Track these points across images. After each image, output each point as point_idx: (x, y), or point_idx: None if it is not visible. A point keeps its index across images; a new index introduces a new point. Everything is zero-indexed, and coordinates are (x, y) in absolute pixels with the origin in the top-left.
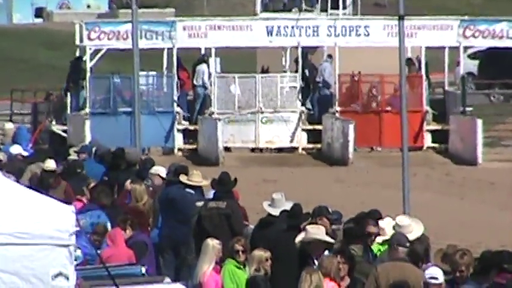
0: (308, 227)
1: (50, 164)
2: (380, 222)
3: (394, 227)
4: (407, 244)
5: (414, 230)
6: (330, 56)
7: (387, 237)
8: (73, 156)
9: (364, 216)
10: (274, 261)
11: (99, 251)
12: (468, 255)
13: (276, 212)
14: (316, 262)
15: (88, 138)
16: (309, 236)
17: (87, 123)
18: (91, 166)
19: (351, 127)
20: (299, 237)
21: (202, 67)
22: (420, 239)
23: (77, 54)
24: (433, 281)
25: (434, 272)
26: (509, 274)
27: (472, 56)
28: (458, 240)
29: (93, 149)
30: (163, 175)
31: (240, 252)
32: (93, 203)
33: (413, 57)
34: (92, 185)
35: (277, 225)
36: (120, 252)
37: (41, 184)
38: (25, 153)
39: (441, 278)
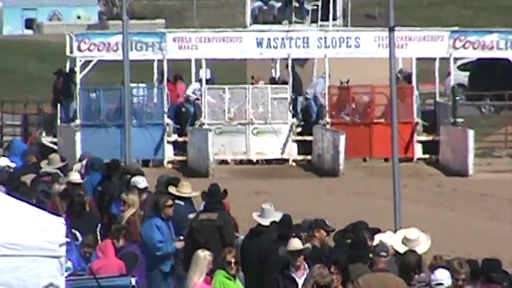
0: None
1: (75, 177)
2: (381, 235)
3: (403, 241)
4: (385, 254)
5: (422, 243)
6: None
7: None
8: (45, 170)
9: (366, 229)
10: (264, 271)
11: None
12: (465, 264)
13: (265, 222)
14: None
15: (78, 151)
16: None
17: (78, 135)
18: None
19: (342, 138)
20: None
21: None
22: (412, 250)
23: (68, 65)
24: (438, 287)
25: (440, 277)
26: (497, 285)
27: (463, 67)
28: (449, 251)
29: (84, 162)
30: (141, 186)
31: (232, 264)
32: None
33: (403, 69)
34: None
35: (267, 235)
36: (110, 263)
37: (66, 197)
38: (12, 165)
39: (447, 282)
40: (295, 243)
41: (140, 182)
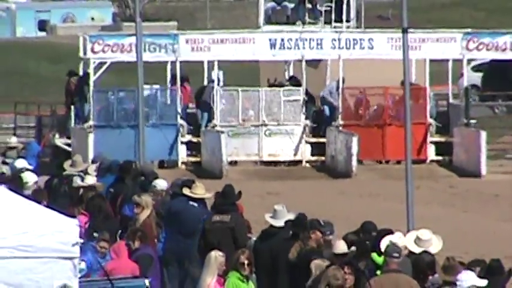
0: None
1: (89, 180)
2: (390, 236)
3: (415, 241)
4: (397, 255)
5: (434, 244)
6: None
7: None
8: (68, 172)
9: (381, 232)
10: (276, 271)
11: (103, 264)
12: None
13: (278, 223)
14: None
15: (91, 152)
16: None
17: (91, 136)
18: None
19: (355, 140)
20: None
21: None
22: (426, 250)
23: (81, 67)
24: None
25: (465, 279)
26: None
27: (476, 69)
28: (463, 253)
29: (98, 164)
30: (164, 188)
31: (245, 265)
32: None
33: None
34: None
35: (280, 236)
36: (123, 264)
37: (81, 200)
38: (30, 167)
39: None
40: (342, 246)
41: (162, 184)
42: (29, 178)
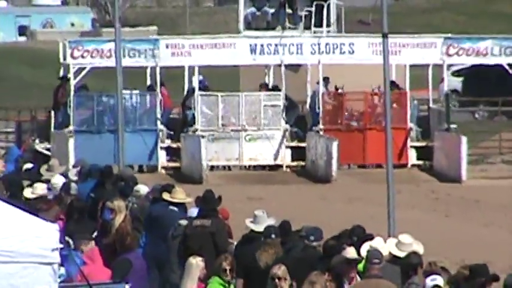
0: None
1: (38, 191)
2: (371, 242)
3: (397, 245)
4: (378, 261)
5: (415, 249)
6: (326, 79)
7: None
8: (45, 177)
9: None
10: (258, 276)
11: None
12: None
13: (258, 228)
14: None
15: (71, 157)
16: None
17: (71, 141)
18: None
19: (335, 145)
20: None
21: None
22: (416, 253)
23: (61, 72)
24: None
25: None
26: None
27: (456, 74)
28: (443, 258)
29: (79, 168)
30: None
31: (228, 271)
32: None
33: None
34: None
35: (260, 241)
36: (98, 270)
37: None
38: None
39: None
40: (353, 252)
41: (144, 189)
42: (56, 181)
